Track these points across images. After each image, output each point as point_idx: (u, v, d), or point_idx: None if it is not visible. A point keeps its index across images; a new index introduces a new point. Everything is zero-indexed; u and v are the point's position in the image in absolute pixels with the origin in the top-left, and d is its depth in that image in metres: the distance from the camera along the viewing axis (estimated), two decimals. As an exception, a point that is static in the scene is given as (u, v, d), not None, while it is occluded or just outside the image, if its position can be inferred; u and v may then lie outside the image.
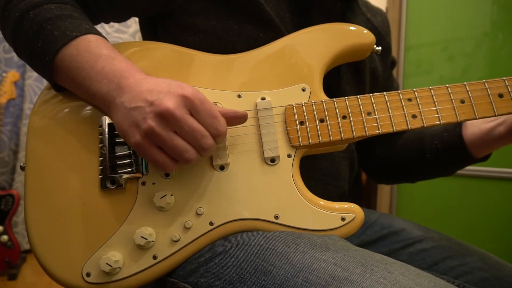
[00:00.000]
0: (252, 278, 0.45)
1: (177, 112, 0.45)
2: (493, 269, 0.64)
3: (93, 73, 0.50)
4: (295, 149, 0.54)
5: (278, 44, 0.59)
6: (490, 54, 1.58)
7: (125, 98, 0.47)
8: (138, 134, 0.46)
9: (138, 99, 0.47)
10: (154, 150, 0.47)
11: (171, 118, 0.45)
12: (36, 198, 0.53)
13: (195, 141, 0.47)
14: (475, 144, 0.68)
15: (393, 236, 0.73)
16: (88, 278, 0.50)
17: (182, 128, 0.46)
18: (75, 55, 0.51)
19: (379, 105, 0.55)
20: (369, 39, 0.59)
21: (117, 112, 0.48)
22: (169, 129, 0.46)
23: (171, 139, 0.46)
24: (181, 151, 0.46)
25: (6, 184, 2.26)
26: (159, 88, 0.47)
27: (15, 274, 1.95)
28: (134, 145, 0.47)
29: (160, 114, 0.45)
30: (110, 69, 0.50)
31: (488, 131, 0.66)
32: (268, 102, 0.55)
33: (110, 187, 0.53)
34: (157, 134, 0.46)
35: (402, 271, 0.42)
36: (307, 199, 0.53)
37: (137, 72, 0.50)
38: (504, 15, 1.57)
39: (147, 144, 0.46)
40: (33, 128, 0.55)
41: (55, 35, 0.52)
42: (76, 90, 0.54)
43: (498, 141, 0.66)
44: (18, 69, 2.29)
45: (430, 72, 1.71)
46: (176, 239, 0.51)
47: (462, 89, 0.54)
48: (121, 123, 0.47)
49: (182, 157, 0.47)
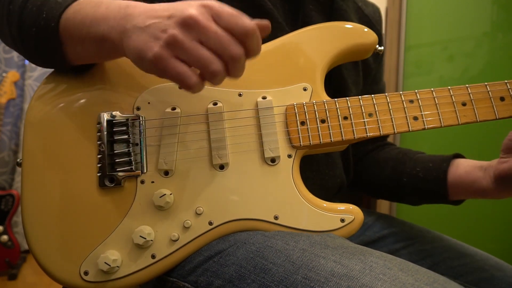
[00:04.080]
0: (251, 276, 0.45)
1: (201, 18, 0.41)
2: (493, 269, 0.64)
3: (98, 15, 0.47)
4: (295, 149, 0.54)
5: (279, 42, 0.59)
6: (490, 54, 1.58)
7: (137, 20, 0.44)
8: (157, 46, 0.42)
9: (153, 16, 0.43)
10: (176, 62, 0.43)
11: (196, 25, 0.41)
12: (33, 195, 0.52)
13: (222, 49, 0.42)
14: (455, 185, 0.66)
15: (393, 236, 0.73)
16: (86, 277, 0.50)
17: (207, 36, 0.42)
18: (78, 10, 0.49)
19: (380, 106, 0.54)
20: (371, 38, 0.59)
21: (129, 37, 0.44)
22: (193, 37, 0.42)
23: (196, 48, 0.42)
24: (207, 62, 0.42)
25: (6, 184, 2.26)
26: (175, 4, 0.44)
27: (15, 274, 1.95)
28: (152, 58, 0.42)
29: (183, 22, 0.41)
30: (115, 5, 0.47)
31: (470, 174, 0.64)
32: (269, 101, 0.55)
33: (108, 185, 0.52)
34: (181, 43, 0.42)
35: (401, 267, 0.42)
36: (306, 200, 0.53)
37: (143, 3, 0.47)
38: (504, 15, 1.57)
39: (167, 55, 0.42)
40: (30, 123, 0.54)
41: (57, 2, 0.50)
42: (84, 48, 0.51)
43: (478, 190, 0.63)
44: (18, 69, 2.29)
45: (430, 72, 1.71)
46: (175, 239, 0.51)
47: (463, 91, 0.54)
48: (136, 43, 0.43)
49: (208, 69, 0.43)
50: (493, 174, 0.60)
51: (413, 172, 0.71)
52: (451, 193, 0.67)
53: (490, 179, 0.61)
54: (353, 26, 0.59)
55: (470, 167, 0.65)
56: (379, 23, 0.80)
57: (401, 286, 0.38)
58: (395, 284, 0.38)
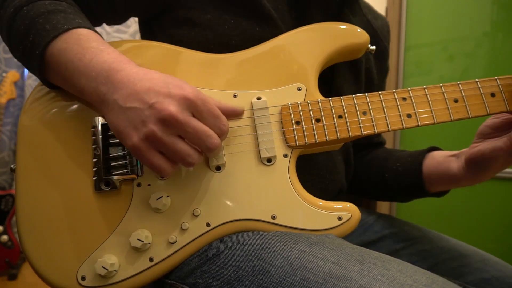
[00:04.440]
0: (250, 278, 0.45)
1: (181, 116, 0.44)
2: (494, 269, 0.64)
3: (81, 66, 0.48)
4: (291, 149, 0.54)
5: (272, 43, 0.59)
6: (490, 54, 1.58)
7: (119, 96, 0.45)
8: (135, 137, 0.44)
9: (134, 99, 0.45)
10: (153, 154, 0.45)
11: (175, 122, 0.44)
12: (28, 200, 0.52)
13: (200, 142, 0.45)
14: (431, 176, 0.67)
15: (393, 237, 0.73)
16: (83, 282, 0.50)
17: (186, 132, 0.44)
18: (64, 48, 0.49)
19: (374, 105, 0.55)
20: (363, 38, 0.59)
21: (110, 111, 0.46)
22: (171, 133, 0.44)
23: (174, 143, 0.45)
24: (184, 156, 0.45)
25: (6, 184, 2.26)
26: (157, 87, 0.45)
27: (15, 274, 1.95)
28: (131, 148, 0.45)
29: (163, 119, 0.43)
30: (98, 60, 0.48)
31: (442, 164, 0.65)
32: (263, 102, 0.55)
33: (104, 189, 0.52)
34: (159, 139, 0.44)
35: (399, 268, 0.42)
36: (303, 198, 0.53)
37: (127, 63, 0.48)
38: (504, 15, 1.56)
39: (145, 147, 0.45)
40: (24, 127, 0.54)
41: (46, 29, 0.50)
42: (66, 86, 0.52)
43: (451, 177, 0.64)
44: (18, 69, 2.29)
45: (430, 72, 1.71)
46: (172, 241, 0.51)
47: (455, 88, 0.55)
48: (116, 123, 0.46)
49: (184, 161, 0.46)
50: (464, 159, 0.61)
51: (394, 167, 0.73)
52: (428, 184, 0.68)
53: (462, 165, 0.62)
54: (346, 26, 0.60)
55: (443, 157, 0.67)
56: (386, 38, 0.80)
57: (399, 287, 0.38)
58: (393, 285, 0.38)
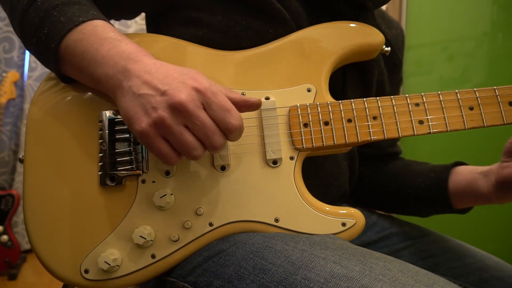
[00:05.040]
0: (251, 276, 0.45)
1: (190, 106, 0.44)
2: (494, 270, 0.64)
3: (98, 56, 0.48)
4: (298, 151, 0.54)
5: (283, 41, 0.57)
6: (490, 54, 1.58)
7: (134, 83, 0.46)
8: (145, 122, 0.44)
9: (149, 86, 0.45)
10: (160, 141, 0.45)
11: (184, 111, 0.44)
12: (35, 191, 0.53)
13: (206, 137, 0.45)
14: (458, 194, 0.66)
15: (394, 237, 0.73)
16: (87, 275, 0.50)
17: (193, 123, 0.44)
18: (80, 39, 0.50)
19: (385, 109, 0.53)
20: (378, 39, 0.57)
21: (123, 97, 0.46)
22: (180, 122, 0.44)
23: (181, 133, 0.45)
24: (189, 148, 0.45)
25: (6, 184, 2.26)
26: (171, 77, 0.45)
27: (15, 274, 1.95)
28: (139, 132, 0.45)
29: (173, 106, 0.44)
30: (117, 51, 0.48)
31: (471, 182, 0.63)
32: (272, 102, 0.54)
33: (109, 184, 0.52)
34: (168, 126, 0.44)
35: (401, 268, 0.42)
36: (308, 202, 0.52)
37: (144, 55, 0.48)
38: (504, 15, 1.56)
39: (153, 133, 0.45)
40: (32, 119, 0.54)
41: (61, 21, 0.50)
42: (81, 77, 0.52)
43: (479, 196, 0.62)
44: (18, 69, 2.29)
45: (430, 72, 1.71)
46: (175, 239, 0.51)
47: (471, 95, 0.52)
48: (127, 108, 0.45)
49: (189, 154, 0.46)
50: (494, 179, 0.60)
51: (416, 184, 0.71)
52: (454, 201, 0.66)
53: (492, 185, 0.60)
54: (359, 25, 0.58)
55: (470, 174, 0.65)
56: (401, 50, 0.78)
57: (401, 287, 0.38)
58: (394, 285, 0.38)
